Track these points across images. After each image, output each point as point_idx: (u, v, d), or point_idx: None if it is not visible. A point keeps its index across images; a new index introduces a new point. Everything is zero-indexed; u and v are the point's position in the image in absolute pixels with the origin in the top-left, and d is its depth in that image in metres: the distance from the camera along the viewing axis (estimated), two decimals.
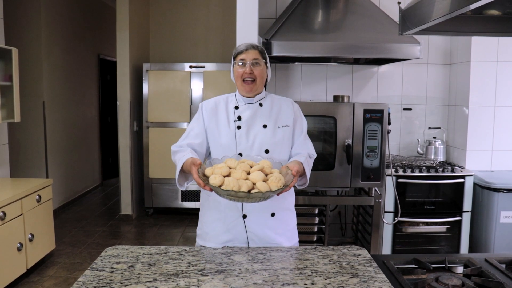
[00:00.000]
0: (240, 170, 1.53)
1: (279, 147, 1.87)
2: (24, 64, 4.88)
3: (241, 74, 1.87)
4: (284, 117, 1.92)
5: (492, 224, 3.35)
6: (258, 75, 1.86)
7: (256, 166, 1.58)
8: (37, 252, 3.66)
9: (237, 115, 1.90)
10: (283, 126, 1.90)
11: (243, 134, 1.86)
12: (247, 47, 1.88)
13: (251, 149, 1.84)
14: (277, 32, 3.09)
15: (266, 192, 1.42)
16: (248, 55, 1.86)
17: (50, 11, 5.36)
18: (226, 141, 1.86)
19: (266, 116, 1.90)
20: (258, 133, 1.86)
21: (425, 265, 1.67)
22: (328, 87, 3.86)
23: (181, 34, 6.14)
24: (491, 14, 1.61)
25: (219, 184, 1.43)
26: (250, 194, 1.41)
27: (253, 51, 1.87)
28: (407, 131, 3.96)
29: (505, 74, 3.60)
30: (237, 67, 1.89)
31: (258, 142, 1.85)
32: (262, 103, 1.93)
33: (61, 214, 5.56)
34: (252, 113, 1.90)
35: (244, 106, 1.92)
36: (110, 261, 1.60)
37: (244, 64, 1.86)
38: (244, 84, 1.88)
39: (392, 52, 3.09)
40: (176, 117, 5.41)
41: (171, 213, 5.60)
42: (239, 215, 1.85)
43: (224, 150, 1.85)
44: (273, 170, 1.60)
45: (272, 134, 1.87)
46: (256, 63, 1.86)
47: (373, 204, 3.21)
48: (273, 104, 1.95)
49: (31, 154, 5.26)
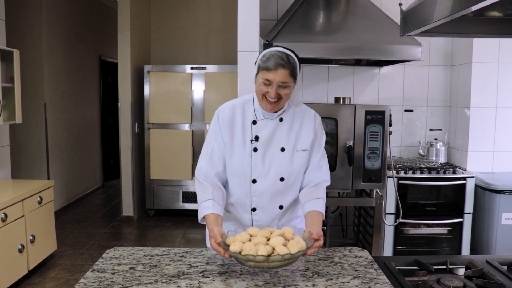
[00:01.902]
0: (260, 235, 1.48)
1: (294, 176, 1.77)
2: (26, 65, 4.88)
3: (263, 92, 1.65)
4: (303, 138, 1.76)
5: (494, 225, 3.34)
6: (284, 95, 1.64)
7: (277, 232, 1.54)
8: (39, 253, 3.66)
9: (254, 134, 1.73)
10: (302, 150, 1.76)
11: (259, 158, 1.73)
12: (276, 66, 1.59)
13: (265, 177, 1.74)
14: (279, 34, 3.10)
15: (285, 255, 1.38)
16: (276, 75, 1.60)
17: (51, 12, 5.38)
18: (240, 165, 1.74)
19: (285, 135, 1.74)
20: (275, 157, 1.74)
21: (427, 266, 1.67)
22: (330, 88, 3.86)
23: (182, 35, 6.14)
24: (492, 15, 1.61)
25: (239, 250, 1.41)
26: (269, 258, 1.37)
27: (282, 71, 1.59)
28: (408, 133, 3.95)
29: (506, 75, 3.59)
30: (261, 83, 1.64)
31: (274, 168, 1.74)
32: (282, 118, 1.75)
33: (63, 215, 5.56)
34: (271, 130, 1.73)
35: (263, 122, 1.74)
36: (111, 262, 1.60)
37: (270, 85, 1.63)
38: (265, 102, 1.67)
39: (394, 53, 3.08)
40: (177, 119, 5.41)
41: (172, 215, 5.60)
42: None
43: (237, 173, 1.76)
44: (294, 236, 1.53)
45: (289, 160, 1.74)
46: (284, 86, 1.63)
47: (375, 206, 3.20)
48: (294, 118, 1.77)
49: (32, 155, 5.27)
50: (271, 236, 1.51)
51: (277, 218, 1.83)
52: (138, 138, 5.59)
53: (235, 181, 1.79)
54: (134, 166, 5.43)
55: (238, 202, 1.82)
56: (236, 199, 1.82)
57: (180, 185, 5.47)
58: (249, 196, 1.78)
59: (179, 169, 5.39)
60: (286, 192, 1.79)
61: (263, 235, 1.50)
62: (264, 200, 1.78)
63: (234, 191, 1.81)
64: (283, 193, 1.79)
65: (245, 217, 1.83)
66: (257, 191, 1.76)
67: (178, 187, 5.48)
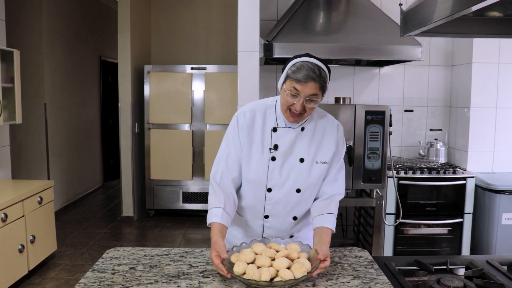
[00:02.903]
0: (265, 256, 1.46)
1: (311, 188, 1.72)
2: (26, 66, 4.89)
3: (289, 104, 1.58)
4: (324, 150, 1.70)
5: (494, 226, 3.34)
6: (310, 109, 1.58)
7: (282, 252, 1.51)
8: (39, 253, 3.66)
9: (274, 142, 1.67)
10: (322, 162, 1.70)
11: (277, 168, 1.68)
12: (306, 79, 1.51)
13: (282, 186, 1.69)
14: (279, 34, 3.10)
15: (288, 280, 1.38)
16: (305, 88, 1.52)
17: (51, 13, 5.38)
18: (256, 172, 1.69)
19: (305, 146, 1.69)
20: (293, 168, 1.68)
21: (427, 266, 1.67)
22: (330, 88, 3.81)
23: (183, 35, 6.15)
24: (492, 15, 1.61)
25: (242, 272, 1.41)
26: (272, 283, 1.38)
27: (313, 84, 1.52)
28: (408, 133, 3.95)
29: (506, 75, 3.59)
30: (288, 94, 1.56)
31: (291, 179, 1.69)
32: (304, 127, 1.69)
33: (63, 215, 5.56)
34: (291, 140, 1.68)
35: (283, 130, 1.68)
36: (111, 262, 1.60)
37: (296, 97, 1.55)
38: (289, 113, 1.61)
39: (394, 53, 3.08)
40: (177, 119, 5.41)
41: (172, 215, 5.60)
42: (258, 237, 1.79)
43: (253, 179, 1.71)
44: (300, 254, 1.51)
45: (307, 172, 1.69)
46: (311, 100, 1.56)
47: (375, 206, 3.20)
48: (316, 128, 1.71)
49: (32, 155, 5.27)
50: (276, 256, 1.48)
51: (289, 227, 1.80)
52: (138, 138, 5.59)
53: (250, 188, 1.75)
54: (134, 166, 5.43)
55: (251, 207, 1.78)
56: (249, 204, 1.78)
57: (180, 185, 5.47)
58: (262, 204, 1.75)
59: (179, 169, 5.39)
60: (301, 203, 1.75)
61: (267, 255, 1.47)
62: (278, 209, 1.74)
63: (248, 197, 1.77)
64: (299, 204, 1.74)
65: (257, 223, 1.79)
66: (272, 200, 1.72)
67: (178, 187, 5.48)
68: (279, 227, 1.78)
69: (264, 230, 1.79)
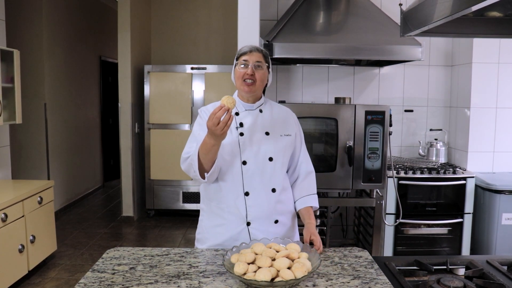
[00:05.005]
0: (265, 257, 1.47)
1: (281, 154, 1.89)
2: (26, 66, 4.89)
3: (242, 74, 1.86)
4: (285, 127, 1.94)
5: (494, 226, 3.34)
6: (259, 78, 1.86)
7: (282, 252, 1.52)
8: (39, 254, 3.66)
9: (238, 122, 1.89)
10: (286, 135, 1.93)
11: (247, 141, 1.86)
12: (251, 49, 1.88)
13: (255, 157, 1.84)
14: (279, 34, 3.10)
15: (289, 280, 1.39)
16: (251, 57, 1.85)
17: (51, 13, 5.38)
18: (230, 148, 1.84)
19: (267, 123, 1.91)
20: (261, 140, 1.87)
21: (427, 266, 1.67)
22: (330, 88, 3.86)
23: (183, 35, 6.15)
24: (492, 16, 1.61)
25: (243, 272, 1.41)
26: (273, 283, 1.38)
27: (256, 53, 1.87)
28: (408, 133, 3.95)
29: (506, 75, 3.59)
30: (239, 67, 1.88)
31: (262, 149, 1.86)
32: (262, 109, 1.94)
33: (63, 215, 5.56)
34: (253, 120, 1.90)
35: (244, 113, 1.92)
36: (111, 262, 1.60)
37: (247, 66, 1.86)
38: (243, 83, 1.87)
39: (394, 53, 3.08)
40: (177, 119, 5.41)
41: (172, 215, 5.60)
42: (243, 222, 1.83)
43: (228, 157, 1.83)
44: (301, 254, 1.53)
45: (275, 142, 1.88)
46: (258, 66, 1.85)
47: (375, 206, 3.20)
48: (273, 111, 1.96)
49: (32, 155, 5.27)
50: (276, 256, 1.49)
51: (272, 203, 1.85)
52: (138, 138, 5.59)
53: (227, 166, 1.84)
54: (134, 166, 5.43)
55: (230, 188, 1.84)
56: (228, 185, 1.85)
57: (180, 185, 5.47)
58: (240, 179, 1.83)
59: (179, 169, 5.29)
60: (276, 173, 1.87)
61: (268, 255, 1.48)
62: (256, 182, 1.83)
63: (226, 177, 1.85)
64: (274, 174, 1.87)
65: (240, 204, 1.82)
66: (248, 171, 1.83)
67: (178, 187, 5.48)
68: (262, 203, 1.83)
69: (247, 210, 1.82)
